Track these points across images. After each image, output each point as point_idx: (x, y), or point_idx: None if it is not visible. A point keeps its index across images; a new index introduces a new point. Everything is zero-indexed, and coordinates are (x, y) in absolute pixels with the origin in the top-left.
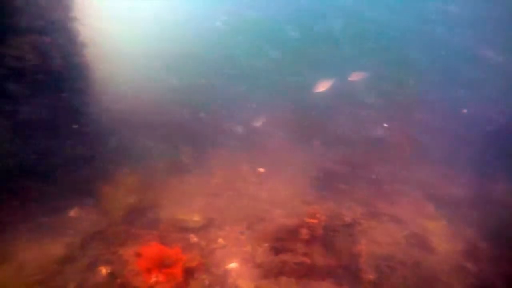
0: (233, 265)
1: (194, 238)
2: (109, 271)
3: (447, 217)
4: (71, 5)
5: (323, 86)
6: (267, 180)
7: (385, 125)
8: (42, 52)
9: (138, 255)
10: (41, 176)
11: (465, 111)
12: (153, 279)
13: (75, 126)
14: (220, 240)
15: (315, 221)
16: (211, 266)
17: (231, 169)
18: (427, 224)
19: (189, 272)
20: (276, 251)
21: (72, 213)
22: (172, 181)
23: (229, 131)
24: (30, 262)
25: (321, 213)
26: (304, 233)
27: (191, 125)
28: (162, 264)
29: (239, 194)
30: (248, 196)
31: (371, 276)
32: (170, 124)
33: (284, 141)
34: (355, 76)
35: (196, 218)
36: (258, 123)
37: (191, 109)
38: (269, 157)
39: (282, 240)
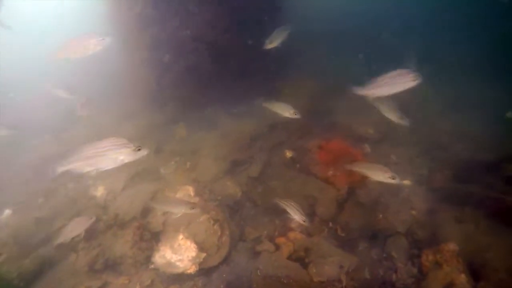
0: (406, 182)
1: (367, 149)
2: (291, 155)
3: None
4: None
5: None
6: (451, 112)
7: None
8: None
9: (320, 148)
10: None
11: None
12: (330, 172)
13: None
14: (393, 157)
15: None
16: None
17: (412, 93)
18: None
19: (364, 176)
20: (460, 180)
21: (257, 103)
22: (350, 92)
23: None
24: (231, 132)
25: None
26: (510, 169)
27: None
28: (341, 161)
29: (417, 120)
30: (428, 124)
31: None
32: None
33: None
34: None
35: (370, 131)
36: None
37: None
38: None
39: (471, 171)
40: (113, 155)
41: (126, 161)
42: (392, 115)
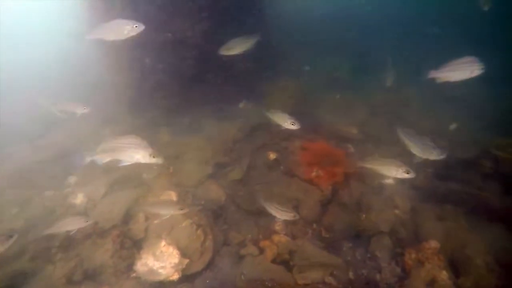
0: (388, 181)
1: (350, 149)
2: (275, 157)
3: None
4: None
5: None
6: (429, 109)
7: None
8: None
9: (304, 149)
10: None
11: None
12: (314, 173)
13: None
14: (376, 156)
15: (505, 155)
16: (366, 177)
17: (392, 93)
18: None
19: (348, 176)
20: (441, 177)
21: (241, 105)
22: (332, 94)
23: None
24: (214, 135)
25: None
26: (487, 166)
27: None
28: (324, 161)
29: (398, 118)
30: (408, 122)
31: None
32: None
33: None
34: None
35: (354, 131)
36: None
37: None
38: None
39: (451, 169)
40: (131, 153)
41: (140, 161)
42: (425, 152)
